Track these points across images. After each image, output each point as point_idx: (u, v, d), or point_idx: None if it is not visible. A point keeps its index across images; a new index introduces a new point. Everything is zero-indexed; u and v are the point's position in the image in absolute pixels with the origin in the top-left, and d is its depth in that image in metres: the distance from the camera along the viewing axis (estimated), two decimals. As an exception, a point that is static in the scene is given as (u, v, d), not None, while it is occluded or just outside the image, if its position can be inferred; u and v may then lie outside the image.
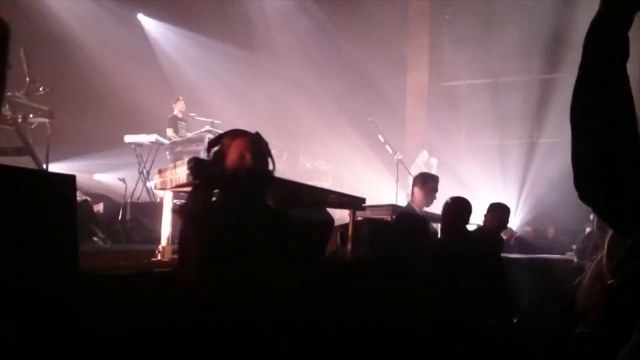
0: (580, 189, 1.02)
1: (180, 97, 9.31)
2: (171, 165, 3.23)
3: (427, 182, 5.17)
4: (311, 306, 3.15)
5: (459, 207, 4.27)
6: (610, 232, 1.27)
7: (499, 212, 5.17)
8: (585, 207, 1.06)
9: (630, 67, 1.03)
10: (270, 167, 2.39)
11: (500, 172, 11.21)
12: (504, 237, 8.47)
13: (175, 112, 9.09)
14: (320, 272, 3.67)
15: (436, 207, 5.67)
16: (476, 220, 6.49)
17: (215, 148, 2.32)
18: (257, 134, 2.41)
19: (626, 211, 0.98)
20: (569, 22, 9.38)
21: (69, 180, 2.18)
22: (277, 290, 2.30)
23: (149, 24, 12.40)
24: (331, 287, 3.55)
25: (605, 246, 1.25)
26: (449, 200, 4.39)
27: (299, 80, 12.17)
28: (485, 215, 5.19)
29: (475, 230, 5.55)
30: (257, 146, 2.31)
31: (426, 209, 5.35)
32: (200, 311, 2.14)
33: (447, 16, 12.54)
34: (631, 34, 1.02)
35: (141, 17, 12.27)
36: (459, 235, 4.13)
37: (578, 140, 1.02)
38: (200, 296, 2.15)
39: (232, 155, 2.26)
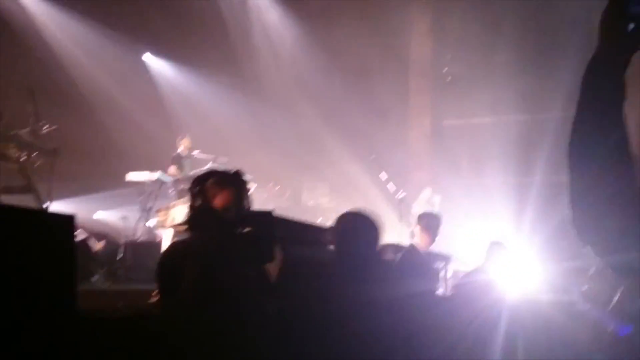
0: (577, 228, 1.01)
1: (186, 135, 9.37)
2: (169, 204, 3.24)
3: (430, 222, 5.16)
4: (310, 347, 3.09)
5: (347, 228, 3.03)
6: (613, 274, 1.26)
7: (498, 251, 5.13)
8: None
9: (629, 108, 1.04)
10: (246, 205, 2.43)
11: (503, 210, 11.16)
12: None
13: (180, 149, 9.14)
14: (321, 311, 3.62)
15: (439, 247, 5.64)
16: (476, 258, 6.43)
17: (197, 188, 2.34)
18: (238, 173, 2.46)
19: (623, 252, 0.97)
20: (567, 61, 9.48)
21: (68, 220, 2.18)
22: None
23: (155, 63, 12.58)
24: (332, 327, 3.50)
25: (607, 289, 1.24)
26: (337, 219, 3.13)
27: (302, 118, 12.27)
28: (485, 254, 5.15)
29: (475, 269, 5.51)
30: (240, 197, 2.35)
31: (429, 248, 5.32)
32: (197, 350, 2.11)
33: (449, 56, 12.69)
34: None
35: (147, 57, 12.46)
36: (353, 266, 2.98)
37: (574, 181, 1.02)
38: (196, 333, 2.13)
39: (217, 204, 2.30)
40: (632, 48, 1.02)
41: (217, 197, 2.32)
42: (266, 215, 2.50)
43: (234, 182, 2.40)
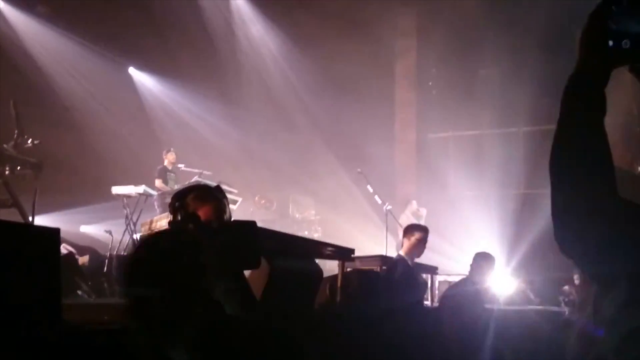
0: (560, 242, 1.02)
1: (172, 149, 9.34)
2: (155, 217, 3.22)
3: (417, 233, 5.17)
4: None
5: None
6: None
7: (483, 261, 5.17)
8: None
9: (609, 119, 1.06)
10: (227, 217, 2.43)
11: (488, 222, 11.23)
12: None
13: (165, 163, 9.12)
14: (308, 325, 3.61)
15: (425, 258, 5.66)
16: (461, 269, 6.48)
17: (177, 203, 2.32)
18: (219, 188, 2.46)
19: (605, 265, 0.98)
20: (553, 74, 9.60)
21: (53, 234, 2.16)
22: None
23: (140, 77, 12.56)
24: (320, 341, 3.49)
25: (592, 299, 1.26)
26: None
27: (289, 132, 12.29)
28: (471, 265, 5.18)
29: (461, 280, 5.54)
30: (221, 212, 2.35)
31: (416, 260, 5.34)
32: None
33: (433, 70, 12.81)
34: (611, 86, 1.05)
35: (132, 71, 12.43)
36: None
37: (557, 194, 1.03)
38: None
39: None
40: (611, 64, 1.04)
41: (198, 211, 2.31)
42: (249, 224, 2.50)
43: (215, 196, 2.39)
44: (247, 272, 2.66)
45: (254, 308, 2.37)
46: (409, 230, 5.25)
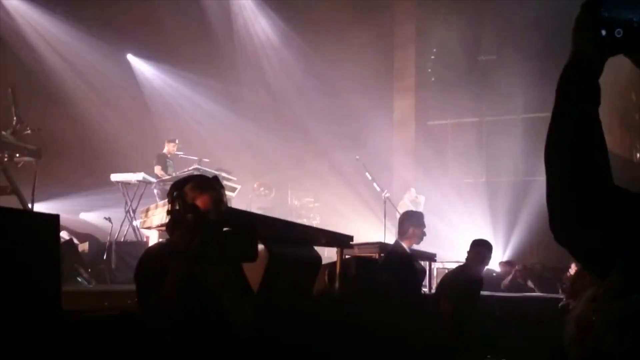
0: (554, 230, 1.02)
1: (177, 140, 9.29)
2: (154, 204, 3.22)
3: (415, 220, 5.17)
4: (297, 346, 3.10)
5: None
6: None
7: (481, 249, 5.16)
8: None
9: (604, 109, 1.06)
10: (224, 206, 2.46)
11: (486, 209, 11.26)
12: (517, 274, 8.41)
13: (165, 150, 9.11)
14: (307, 312, 3.63)
15: (423, 245, 5.68)
16: (459, 256, 6.49)
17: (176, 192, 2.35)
18: (216, 178, 2.49)
19: (600, 253, 0.99)
20: (552, 60, 9.58)
21: (53, 220, 2.17)
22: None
23: (138, 64, 12.50)
24: (318, 327, 3.51)
25: (587, 287, 1.27)
26: None
27: (287, 118, 12.28)
28: (468, 252, 5.18)
29: (458, 267, 5.56)
30: (219, 201, 2.38)
31: (415, 247, 5.35)
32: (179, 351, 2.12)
33: (432, 57, 12.77)
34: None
35: (130, 58, 12.37)
36: None
37: (552, 182, 1.03)
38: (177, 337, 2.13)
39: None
40: (605, 53, 1.04)
41: (196, 201, 2.34)
42: (248, 215, 2.52)
43: (212, 186, 2.42)
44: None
45: (250, 300, 2.38)
46: (420, 220, 5.17)
